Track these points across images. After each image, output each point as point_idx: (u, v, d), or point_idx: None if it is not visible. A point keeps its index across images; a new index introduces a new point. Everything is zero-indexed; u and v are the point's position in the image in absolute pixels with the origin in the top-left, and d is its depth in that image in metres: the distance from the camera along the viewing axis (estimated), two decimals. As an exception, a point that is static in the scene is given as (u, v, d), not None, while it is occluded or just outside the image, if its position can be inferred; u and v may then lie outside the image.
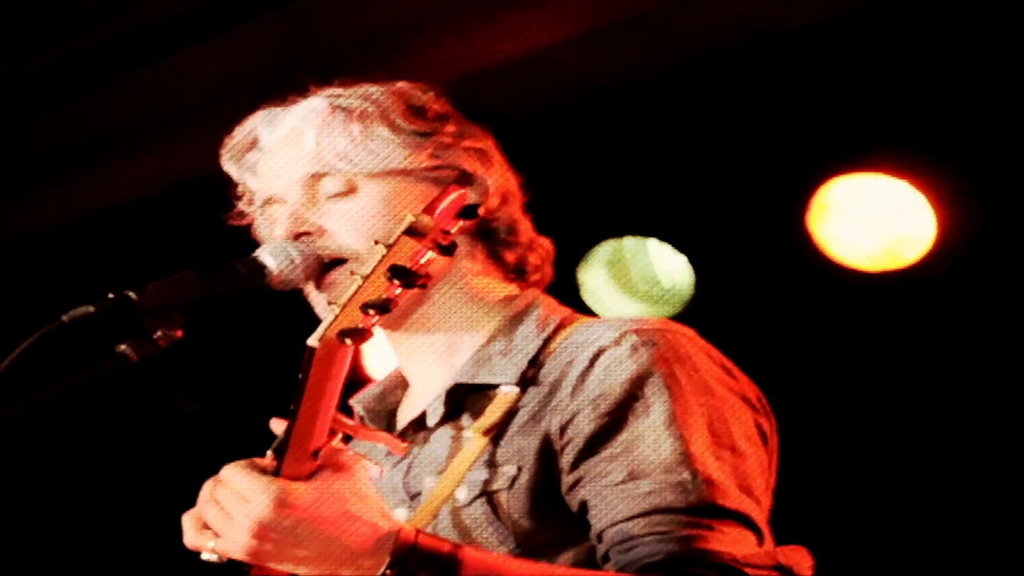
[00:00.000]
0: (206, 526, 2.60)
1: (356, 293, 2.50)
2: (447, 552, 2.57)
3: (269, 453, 2.59)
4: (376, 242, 2.51)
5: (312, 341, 2.52)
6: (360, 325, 2.50)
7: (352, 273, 2.52)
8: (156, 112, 5.62)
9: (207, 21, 5.42)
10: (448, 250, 2.53)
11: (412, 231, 2.51)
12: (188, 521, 2.64)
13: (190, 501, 2.63)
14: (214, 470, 2.60)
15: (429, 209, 2.53)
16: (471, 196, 2.97)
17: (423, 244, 2.51)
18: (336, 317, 2.51)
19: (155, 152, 5.68)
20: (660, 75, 5.12)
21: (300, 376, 2.54)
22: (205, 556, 2.63)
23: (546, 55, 5.17)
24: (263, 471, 2.56)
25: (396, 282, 2.49)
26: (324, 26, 5.34)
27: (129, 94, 5.64)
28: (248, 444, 2.72)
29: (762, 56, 5.00)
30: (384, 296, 2.50)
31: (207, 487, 2.60)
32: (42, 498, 6.17)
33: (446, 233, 2.54)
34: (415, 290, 2.52)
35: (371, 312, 2.49)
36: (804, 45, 4.95)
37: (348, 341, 2.50)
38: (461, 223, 2.56)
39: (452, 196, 2.56)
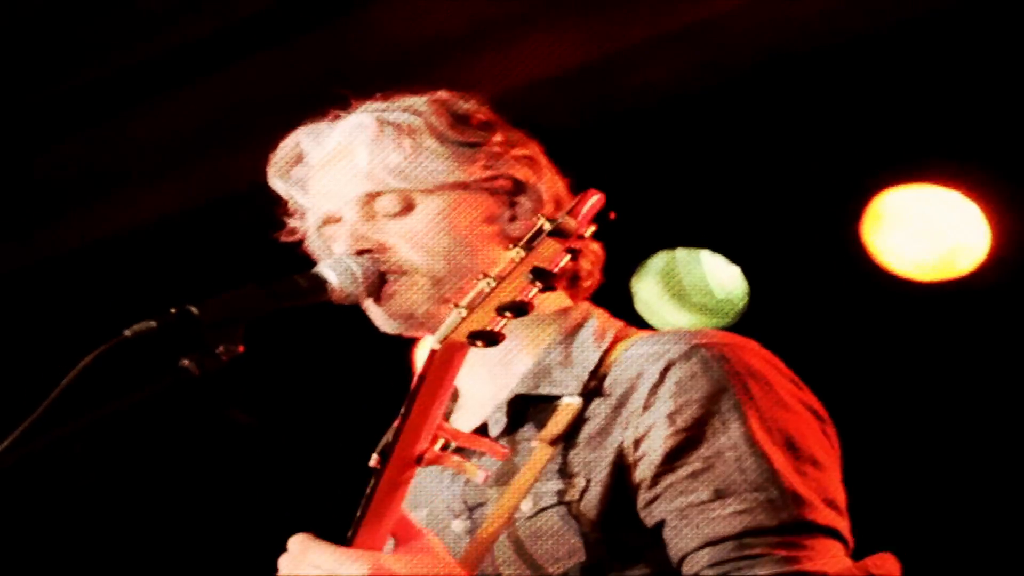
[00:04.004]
0: None
1: (491, 294, 2.49)
2: None
3: (374, 457, 2.58)
4: (513, 245, 2.50)
5: (434, 343, 2.52)
6: (492, 327, 2.50)
7: (484, 276, 2.51)
8: (204, 125, 5.64)
9: (244, 41, 5.45)
10: (576, 256, 2.51)
11: (558, 232, 2.49)
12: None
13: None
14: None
15: (573, 212, 2.50)
16: (524, 204, 2.98)
17: (565, 245, 2.49)
18: (464, 319, 2.50)
19: (201, 167, 5.71)
20: (713, 85, 5.11)
21: (418, 377, 2.53)
22: None
23: (597, 66, 5.17)
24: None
25: (538, 284, 2.47)
26: (364, 42, 5.35)
27: (173, 111, 5.67)
28: (301, 458, 2.71)
29: (816, 66, 4.99)
30: (520, 299, 2.48)
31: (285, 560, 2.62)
32: (104, 511, 6.20)
33: (580, 238, 2.51)
34: None
35: (508, 314, 2.48)
36: (859, 55, 4.93)
37: (479, 343, 2.49)
38: (594, 228, 2.53)
39: (593, 199, 2.53)
